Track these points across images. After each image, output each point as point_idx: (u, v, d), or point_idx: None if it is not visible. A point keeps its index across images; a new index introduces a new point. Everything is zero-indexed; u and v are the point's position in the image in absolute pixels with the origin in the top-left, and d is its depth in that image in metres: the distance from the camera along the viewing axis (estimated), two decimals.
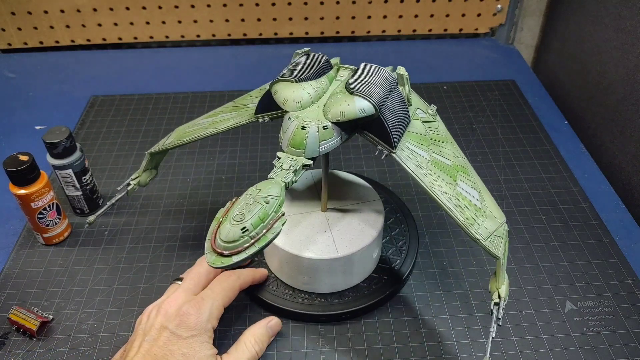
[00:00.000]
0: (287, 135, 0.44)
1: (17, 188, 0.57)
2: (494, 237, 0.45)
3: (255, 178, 0.72)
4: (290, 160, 0.44)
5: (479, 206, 0.46)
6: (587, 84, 0.85)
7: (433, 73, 0.93)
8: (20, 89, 0.91)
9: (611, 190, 0.70)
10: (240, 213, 0.39)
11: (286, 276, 0.55)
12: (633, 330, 0.53)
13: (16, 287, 0.58)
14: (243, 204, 0.40)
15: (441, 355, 0.51)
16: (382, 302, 0.55)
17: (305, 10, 0.97)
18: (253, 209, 0.39)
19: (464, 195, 0.46)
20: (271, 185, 0.41)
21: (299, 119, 0.44)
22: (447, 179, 0.46)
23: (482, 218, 0.45)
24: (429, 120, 0.50)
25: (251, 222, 0.39)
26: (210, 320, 0.47)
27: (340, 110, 0.43)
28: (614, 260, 0.60)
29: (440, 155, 0.48)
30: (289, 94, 0.45)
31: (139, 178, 0.58)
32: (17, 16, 0.96)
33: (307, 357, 0.51)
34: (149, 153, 0.57)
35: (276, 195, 0.41)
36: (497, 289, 0.45)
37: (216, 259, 0.39)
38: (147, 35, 1.00)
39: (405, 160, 0.45)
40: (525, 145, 0.76)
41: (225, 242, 0.39)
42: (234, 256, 0.39)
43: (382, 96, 0.44)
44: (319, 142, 0.44)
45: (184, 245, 0.62)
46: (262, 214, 0.39)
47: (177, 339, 0.45)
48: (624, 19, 0.75)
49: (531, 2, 0.99)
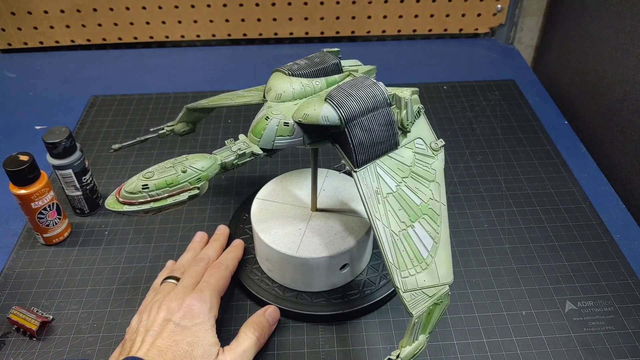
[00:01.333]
0: (254, 121, 0.45)
1: (17, 188, 0.57)
2: (419, 293, 0.42)
3: (255, 178, 0.72)
4: (243, 145, 0.44)
5: (424, 257, 0.43)
6: (587, 84, 0.85)
7: (433, 73, 0.93)
8: (20, 89, 0.91)
9: (611, 190, 0.70)
10: (150, 171, 0.41)
11: (261, 263, 0.57)
12: (633, 330, 0.53)
13: (16, 287, 0.58)
14: (161, 165, 0.42)
15: (441, 356, 0.51)
16: (382, 302, 0.55)
17: (305, 10, 0.97)
18: (165, 172, 0.41)
19: (412, 239, 0.43)
20: (201, 158, 0.42)
21: (269, 109, 0.45)
22: (403, 217, 0.44)
23: (417, 269, 0.42)
24: (424, 154, 0.47)
25: (155, 183, 0.40)
26: (212, 309, 0.48)
27: (305, 112, 0.44)
28: (614, 260, 0.60)
29: (412, 191, 0.45)
30: (275, 84, 0.47)
31: (173, 126, 0.60)
32: (17, 16, 0.96)
33: (307, 357, 0.51)
34: (186, 107, 0.60)
35: (199, 169, 0.42)
36: (401, 346, 0.41)
37: (112, 202, 0.41)
38: (147, 36, 1.00)
39: (362, 182, 0.43)
40: (525, 145, 0.76)
41: (126, 191, 0.41)
42: (126, 206, 0.41)
43: (354, 111, 0.43)
44: (275, 136, 0.44)
45: (184, 246, 0.62)
46: (170, 179, 0.41)
47: (182, 329, 0.45)
48: (624, 19, 0.75)
49: (531, 2, 0.99)
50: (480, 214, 0.66)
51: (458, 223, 0.65)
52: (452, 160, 0.74)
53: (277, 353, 0.52)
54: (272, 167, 0.73)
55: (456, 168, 0.73)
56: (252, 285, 0.56)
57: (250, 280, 0.57)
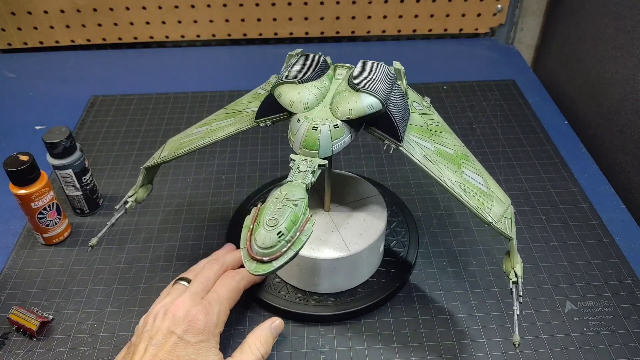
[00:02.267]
0: (299, 136, 0.44)
1: (17, 188, 0.57)
2: (504, 219, 0.46)
3: (255, 178, 0.72)
4: (306, 162, 0.43)
5: (485, 191, 0.47)
6: (587, 84, 0.85)
7: (433, 73, 0.93)
8: (20, 89, 0.91)
9: (611, 190, 0.70)
10: (272, 218, 0.39)
11: (297, 280, 0.55)
12: (633, 330, 0.53)
13: (16, 287, 0.58)
14: (272, 208, 0.40)
15: (441, 355, 0.51)
16: (382, 302, 0.55)
17: (305, 10, 0.97)
18: (284, 212, 0.39)
19: (470, 181, 0.47)
20: (295, 188, 0.41)
21: (309, 119, 0.44)
22: (453, 168, 0.47)
23: (490, 202, 0.47)
24: (425, 112, 0.51)
25: (285, 226, 0.38)
26: (218, 325, 0.47)
27: (349, 108, 0.44)
28: (614, 260, 0.60)
29: (442, 145, 0.48)
30: (295, 96, 0.45)
31: (135, 195, 0.54)
32: (17, 16, 0.96)
33: (307, 357, 0.51)
34: (145, 168, 0.54)
35: (302, 198, 0.41)
36: (512, 268, 0.46)
37: (257, 266, 0.39)
38: (147, 36, 1.00)
39: (412, 153, 0.45)
40: (525, 145, 0.76)
41: (262, 248, 0.38)
42: (274, 262, 0.38)
43: (386, 91, 0.44)
44: (331, 142, 0.44)
45: (184, 246, 0.62)
46: (293, 216, 0.39)
47: (185, 344, 0.44)
48: (624, 19, 0.75)
49: (531, 2, 0.99)
50: None
51: (458, 223, 0.65)
52: None
53: (277, 353, 0.52)
54: (272, 168, 0.73)
55: None
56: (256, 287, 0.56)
57: None
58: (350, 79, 0.46)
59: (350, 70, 0.49)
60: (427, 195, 0.69)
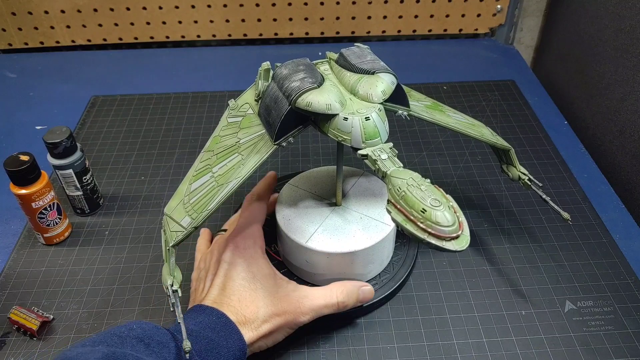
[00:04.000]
0: (357, 131, 0.44)
1: (17, 188, 0.57)
2: (495, 137, 0.56)
3: (255, 178, 0.72)
4: (379, 151, 0.44)
5: (471, 123, 0.56)
6: (586, 84, 0.85)
7: (433, 73, 0.93)
8: (20, 89, 0.91)
9: (611, 190, 0.70)
10: (434, 199, 0.39)
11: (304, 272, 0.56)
12: (633, 330, 0.53)
13: (17, 287, 0.58)
14: (419, 194, 0.40)
15: (441, 355, 0.51)
16: (382, 302, 0.55)
17: (306, 10, 0.98)
18: (433, 191, 0.40)
19: (459, 120, 0.54)
20: (406, 171, 0.42)
21: (356, 114, 0.44)
22: (442, 114, 0.54)
23: (480, 128, 0.55)
24: None
25: (451, 204, 0.40)
26: (257, 242, 0.51)
27: (380, 89, 0.46)
28: (614, 260, 0.60)
29: (421, 101, 0.55)
30: (327, 99, 0.44)
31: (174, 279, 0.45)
32: (17, 16, 0.96)
33: (307, 357, 0.51)
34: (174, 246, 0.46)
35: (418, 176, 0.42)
36: (519, 171, 0.56)
37: (456, 243, 0.39)
38: (148, 36, 1.00)
39: (420, 112, 0.50)
40: (525, 145, 0.76)
41: (449, 226, 0.39)
42: (463, 231, 0.40)
43: (387, 65, 0.48)
44: (384, 124, 0.45)
45: (184, 245, 0.62)
46: (438, 191, 0.41)
47: (233, 265, 0.49)
48: (624, 19, 0.75)
49: (531, 2, 0.99)
50: (480, 214, 0.66)
51: None
52: (452, 160, 0.74)
53: (277, 353, 0.52)
54: (272, 168, 0.73)
55: (456, 168, 0.73)
56: None
57: None
58: (354, 67, 0.48)
59: (330, 62, 0.51)
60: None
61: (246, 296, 0.46)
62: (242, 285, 0.47)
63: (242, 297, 0.46)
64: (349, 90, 0.47)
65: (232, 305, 0.45)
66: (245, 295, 0.46)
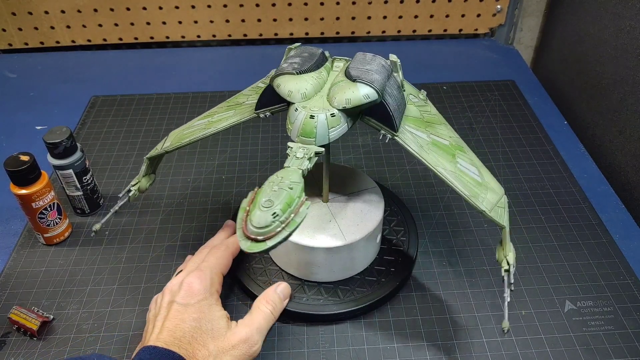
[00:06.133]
0: (296, 125, 0.45)
1: (18, 188, 0.57)
2: (497, 208, 0.48)
3: (255, 178, 0.72)
4: (303, 149, 0.45)
5: (480, 181, 0.49)
6: (586, 84, 0.85)
7: (433, 73, 0.93)
8: (21, 89, 0.91)
9: (610, 190, 0.70)
10: (268, 200, 0.40)
11: (294, 268, 0.56)
12: (632, 330, 0.53)
13: (17, 287, 0.58)
14: (268, 191, 0.41)
15: (441, 355, 0.51)
16: (382, 302, 0.55)
17: (306, 10, 0.98)
18: (279, 195, 0.41)
19: (464, 171, 0.48)
20: (291, 173, 0.43)
21: (307, 108, 0.45)
22: (448, 158, 0.48)
23: (484, 191, 0.48)
24: (421, 104, 0.52)
25: (280, 207, 0.40)
26: (214, 285, 0.49)
27: (345, 97, 0.45)
28: (614, 260, 0.60)
29: (437, 136, 0.50)
30: (293, 86, 0.47)
31: (138, 184, 0.57)
32: (17, 16, 0.96)
33: (307, 357, 0.52)
34: (147, 158, 0.56)
35: (297, 182, 0.42)
36: (505, 256, 0.48)
37: (251, 245, 0.40)
38: (148, 36, 1.00)
39: (408, 142, 0.47)
40: (524, 146, 0.76)
41: (257, 228, 0.40)
42: (268, 241, 0.40)
43: (382, 81, 0.45)
44: (328, 130, 0.45)
45: (184, 245, 0.62)
46: (288, 199, 0.40)
47: (185, 307, 0.46)
48: (624, 19, 0.75)
49: (531, 3, 0.99)
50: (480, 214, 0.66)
51: (458, 223, 0.65)
52: None
53: (277, 353, 0.52)
54: (272, 168, 0.73)
55: None
56: (251, 284, 0.56)
57: (249, 279, 0.57)
58: (347, 70, 0.47)
59: (348, 62, 0.50)
60: (426, 195, 0.69)
61: (197, 337, 0.45)
62: (194, 327, 0.45)
63: (194, 338, 0.45)
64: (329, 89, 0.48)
65: (183, 347, 0.44)
66: (196, 337, 0.45)
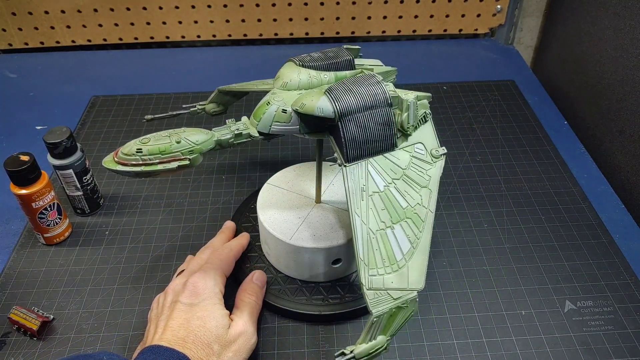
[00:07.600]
0: (257, 106, 0.47)
1: (18, 188, 0.57)
2: (383, 293, 0.41)
3: (255, 178, 0.72)
4: (242, 126, 0.46)
5: (397, 259, 0.42)
6: (586, 84, 0.85)
7: (433, 73, 0.93)
8: (21, 89, 0.91)
9: (610, 190, 0.70)
10: (147, 138, 0.44)
11: (293, 270, 0.56)
12: (632, 330, 0.53)
13: (17, 287, 0.58)
14: (159, 134, 0.44)
15: (441, 355, 0.51)
16: None
17: (306, 11, 0.98)
18: (160, 140, 0.43)
19: (389, 240, 0.43)
20: (197, 132, 0.45)
21: (273, 95, 0.46)
22: (385, 217, 0.43)
23: (387, 269, 0.42)
24: (422, 159, 0.46)
25: (149, 148, 0.43)
26: (217, 285, 0.50)
27: (302, 101, 0.45)
28: (614, 260, 0.60)
29: (400, 193, 0.45)
30: (284, 73, 0.48)
31: (205, 105, 0.62)
32: (17, 16, 0.96)
33: (307, 357, 0.52)
34: (218, 89, 0.61)
35: (193, 142, 0.44)
36: (358, 344, 0.41)
37: (109, 161, 0.44)
38: (148, 36, 1.00)
39: (349, 177, 0.44)
40: (524, 146, 0.76)
41: (122, 153, 0.44)
42: (120, 166, 0.44)
43: (350, 106, 0.43)
44: (272, 121, 0.45)
45: (184, 245, 0.62)
46: (164, 147, 0.43)
47: (190, 307, 0.47)
48: (623, 19, 0.75)
49: (531, 3, 0.99)
50: (479, 214, 0.66)
51: (458, 223, 0.65)
52: (452, 160, 0.74)
53: (277, 353, 0.52)
54: (273, 168, 0.73)
55: (456, 168, 0.73)
56: None
57: None
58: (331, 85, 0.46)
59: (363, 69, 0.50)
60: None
61: (201, 337, 0.45)
62: (199, 327, 0.45)
63: (198, 338, 0.45)
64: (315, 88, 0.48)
65: (187, 347, 0.44)
66: (200, 336, 0.45)
